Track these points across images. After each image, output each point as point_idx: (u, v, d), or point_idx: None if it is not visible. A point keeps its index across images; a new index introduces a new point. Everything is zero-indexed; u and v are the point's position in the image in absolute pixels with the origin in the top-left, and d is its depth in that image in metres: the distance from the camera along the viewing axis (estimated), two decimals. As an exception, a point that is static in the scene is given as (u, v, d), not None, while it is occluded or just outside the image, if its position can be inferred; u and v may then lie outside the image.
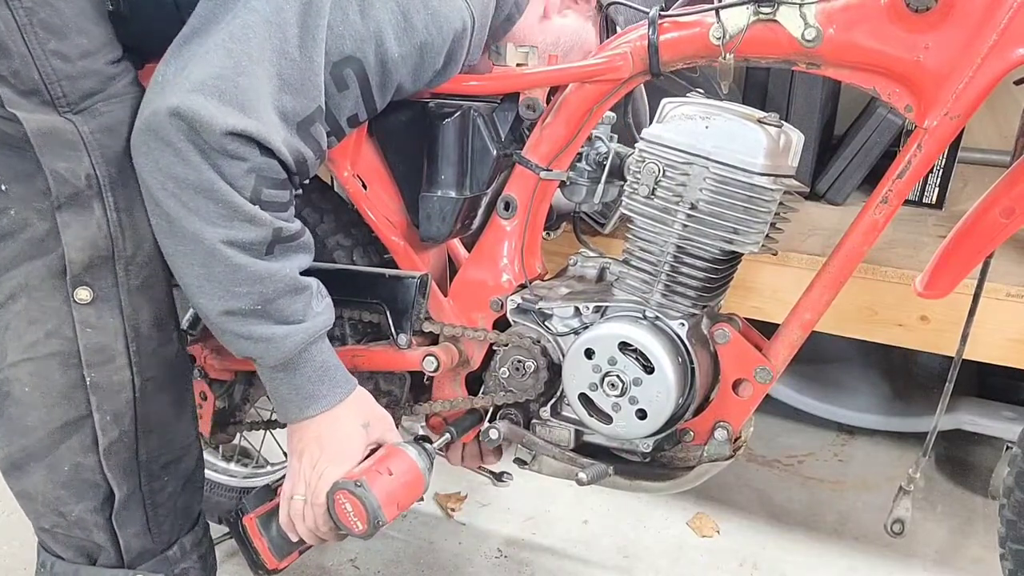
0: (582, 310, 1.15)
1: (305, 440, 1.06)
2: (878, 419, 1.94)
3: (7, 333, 0.96)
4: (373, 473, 1.04)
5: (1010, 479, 1.17)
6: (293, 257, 0.99)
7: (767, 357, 1.10)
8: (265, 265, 0.96)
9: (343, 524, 1.04)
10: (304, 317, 1.00)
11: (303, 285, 1.01)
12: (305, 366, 1.02)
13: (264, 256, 0.95)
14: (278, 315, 0.98)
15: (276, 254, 0.97)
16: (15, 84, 0.87)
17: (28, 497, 1.01)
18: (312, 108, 0.95)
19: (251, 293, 0.96)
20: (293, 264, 0.99)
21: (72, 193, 0.92)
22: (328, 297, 1.06)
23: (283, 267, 0.97)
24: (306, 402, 1.04)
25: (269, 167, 0.93)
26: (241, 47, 0.90)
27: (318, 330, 1.02)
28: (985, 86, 0.94)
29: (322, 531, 1.07)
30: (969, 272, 1.07)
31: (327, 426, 1.05)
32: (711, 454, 1.14)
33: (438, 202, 1.18)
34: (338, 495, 1.03)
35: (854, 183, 1.90)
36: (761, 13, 0.99)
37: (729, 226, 1.01)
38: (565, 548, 1.65)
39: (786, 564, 1.61)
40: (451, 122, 1.16)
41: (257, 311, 0.97)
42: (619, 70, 1.08)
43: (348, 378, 1.08)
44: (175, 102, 0.88)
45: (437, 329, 1.24)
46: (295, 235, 0.99)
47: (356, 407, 1.08)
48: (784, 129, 1.02)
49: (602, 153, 1.19)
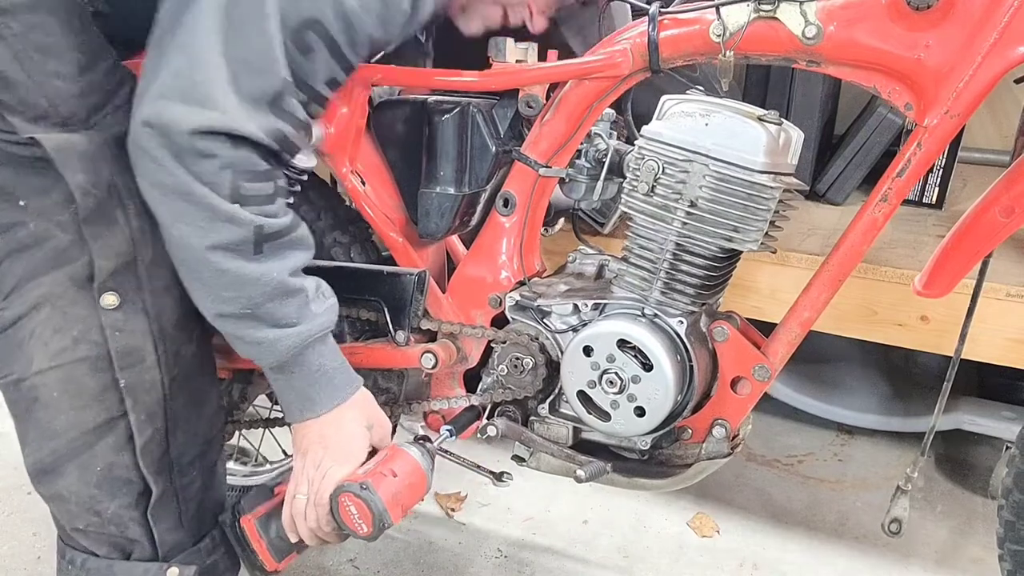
0: (581, 307, 1.15)
1: (309, 439, 1.05)
2: (877, 419, 1.93)
3: (32, 342, 0.97)
4: (378, 475, 1.04)
5: (1008, 480, 1.16)
6: (286, 255, 0.97)
7: (765, 355, 1.10)
8: (252, 268, 0.94)
9: (347, 526, 1.03)
10: (298, 320, 0.99)
11: (294, 288, 0.98)
12: (302, 369, 1.02)
13: (253, 257, 0.94)
14: (269, 318, 0.97)
15: (266, 253, 0.95)
16: (24, 112, 0.89)
17: (61, 499, 1.02)
18: (277, 83, 0.92)
19: (239, 297, 0.95)
20: (286, 264, 0.97)
21: (96, 205, 0.94)
22: (332, 298, 1.04)
23: (271, 269, 0.95)
24: (305, 404, 1.04)
25: (243, 159, 0.91)
26: (193, 40, 0.89)
27: (313, 333, 1.00)
28: (985, 85, 0.94)
29: (324, 532, 1.07)
30: (968, 271, 1.06)
31: (331, 426, 1.05)
32: (709, 452, 1.13)
33: (437, 198, 1.18)
34: (342, 498, 1.02)
35: (854, 183, 1.90)
36: (762, 10, 0.99)
37: (728, 224, 1.01)
38: (565, 548, 1.65)
39: (786, 564, 1.61)
40: (450, 118, 1.16)
41: (247, 315, 0.96)
42: (619, 67, 1.08)
43: (351, 380, 1.07)
44: (145, 112, 0.88)
45: (435, 326, 1.24)
46: (284, 231, 0.97)
47: (361, 408, 1.07)
48: (784, 127, 1.02)
49: (601, 150, 1.19)
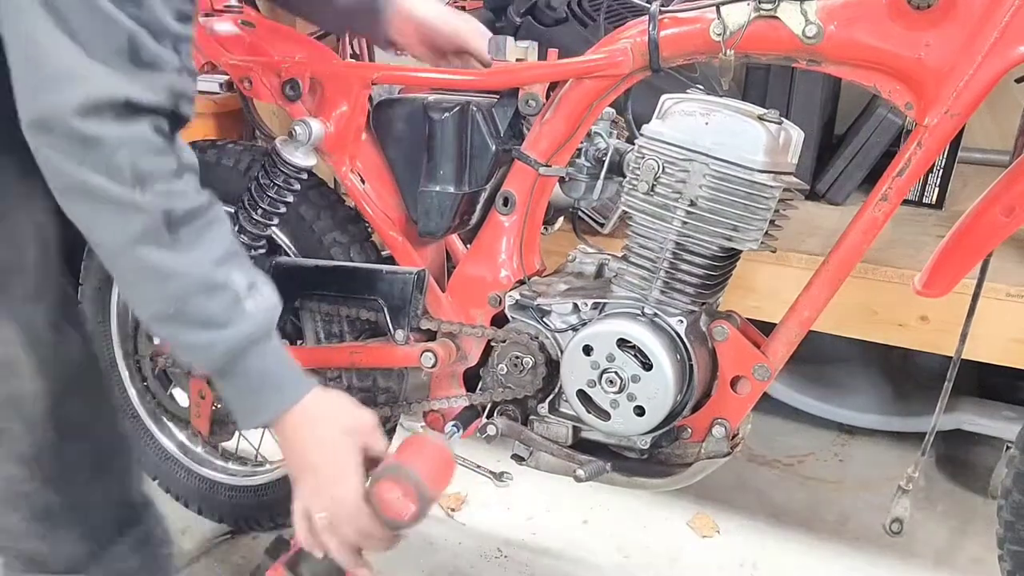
0: (580, 306, 1.15)
1: (294, 465, 1.00)
2: (878, 419, 1.93)
3: None
4: (402, 456, 1.00)
5: (1008, 480, 1.16)
6: (206, 241, 0.89)
7: (765, 355, 1.10)
8: (171, 258, 0.87)
9: (390, 518, 0.98)
10: (228, 320, 0.90)
11: (219, 281, 0.90)
12: (244, 375, 0.94)
13: (169, 244, 0.86)
14: (197, 318, 0.90)
15: (183, 239, 0.87)
16: None
17: None
18: (124, 35, 0.82)
19: (163, 295, 0.88)
20: (207, 252, 0.89)
21: None
22: (272, 296, 0.96)
23: (191, 259, 0.88)
24: (250, 412, 0.98)
25: (134, 134, 0.83)
26: (34, 40, 0.82)
27: (249, 335, 0.92)
28: (986, 84, 0.94)
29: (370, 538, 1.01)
30: (969, 271, 1.06)
31: (308, 448, 0.98)
32: (709, 451, 1.13)
33: (437, 198, 1.18)
34: (377, 488, 0.97)
35: (854, 183, 1.90)
36: (762, 9, 0.99)
37: (728, 223, 1.01)
38: (565, 548, 1.65)
39: (786, 564, 1.61)
40: (450, 117, 1.16)
41: (175, 315, 0.89)
42: (619, 66, 1.08)
43: (298, 384, 0.98)
44: (25, 117, 0.83)
45: (435, 325, 1.23)
46: (197, 211, 0.88)
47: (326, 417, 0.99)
48: (784, 126, 1.02)
49: (601, 149, 1.19)
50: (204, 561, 1.56)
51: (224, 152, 1.37)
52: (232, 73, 1.26)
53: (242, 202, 1.25)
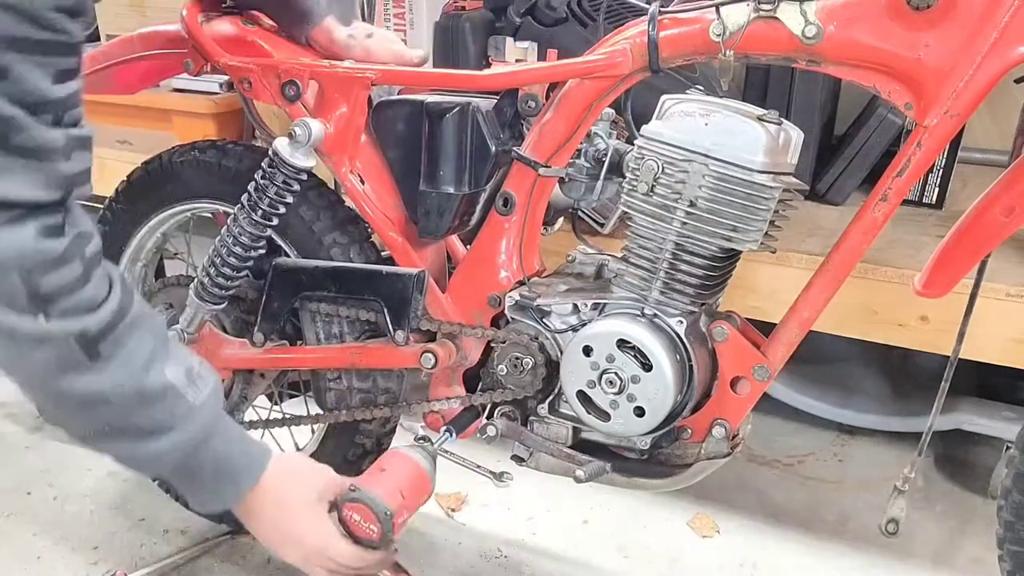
0: (580, 307, 1.15)
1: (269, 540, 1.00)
2: (878, 419, 1.93)
3: None
4: (363, 478, 1.03)
5: (1008, 480, 1.16)
6: (131, 350, 0.79)
7: (765, 355, 1.10)
8: (96, 381, 0.77)
9: (362, 539, 1.01)
10: (173, 422, 0.83)
11: (156, 389, 0.81)
12: (200, 469, 0.89)
13: (91, 367, 0.76)
14: (139, 431, 0.82)
15: (104, 356, 0.77)
16: None
17: None
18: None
19: (96, 420, 0.80)
20: (134, 362, 0.79)
21: None
22: (212, 376, 0.89)
23: (119, 377, 0.79)
24: (207, 504, 0.95)
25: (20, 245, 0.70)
26: None
27: (200, 432, 0.86)
28: (985, 84, 0.94)
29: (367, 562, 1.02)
30: (969, 271, 1.06)
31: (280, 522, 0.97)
32: (709, 451, 1.13)
33: (436, 198, 1.18)
34: (344, 512, 1.00)
35: (854, 183, 1.89)
36: (761, 10, 0.99)
37: (728, 224, 1.01)
38: (565, 548, 1.64)
39: (786, 564, 1.61)
40: (450, 118, 1.16)
41: (113, 432, 0.81)
42: (619, 66, 1.08)
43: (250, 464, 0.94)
44: None
45: (435, 326, 1.24)
46: (114, 319, 0.77)
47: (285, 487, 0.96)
48: (784, 127, 1.02)
49: (601, 150, 1.19)
50: (204, 561, 1.56)
51: (224, 152, 1.37)
52: (231, 74, 1.26)
53: (242, 203, 1.25)
